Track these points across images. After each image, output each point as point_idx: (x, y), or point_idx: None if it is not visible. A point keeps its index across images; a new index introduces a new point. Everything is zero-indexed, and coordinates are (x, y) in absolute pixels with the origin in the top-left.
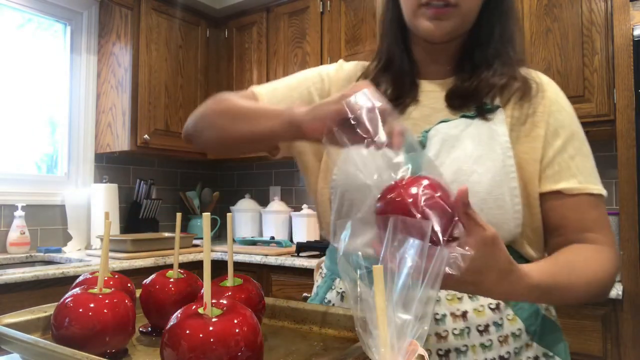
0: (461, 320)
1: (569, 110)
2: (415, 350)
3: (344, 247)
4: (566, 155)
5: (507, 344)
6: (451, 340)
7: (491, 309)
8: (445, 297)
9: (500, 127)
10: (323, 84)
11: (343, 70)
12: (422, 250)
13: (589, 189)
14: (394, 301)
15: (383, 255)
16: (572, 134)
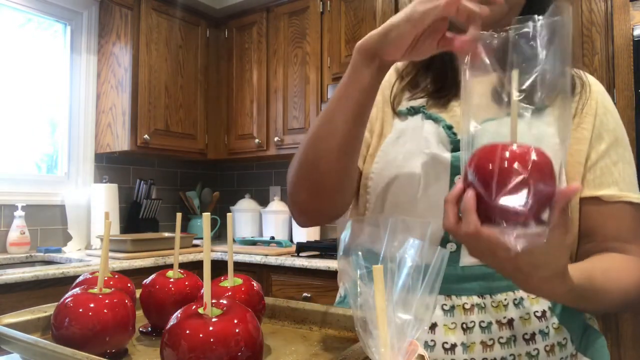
0: (507, 329)
1: (614, 114)
2: (415, 350)
3: (344, 247)
4: (609, 161)
5: (553, 354)
6: (497, 349)
7: (537, 317)
8: (490, 304)
9: (549, 127)
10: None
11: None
12: (422, 250)
13: (629, 197)
14: (394, 301)
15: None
16: (617, 139)
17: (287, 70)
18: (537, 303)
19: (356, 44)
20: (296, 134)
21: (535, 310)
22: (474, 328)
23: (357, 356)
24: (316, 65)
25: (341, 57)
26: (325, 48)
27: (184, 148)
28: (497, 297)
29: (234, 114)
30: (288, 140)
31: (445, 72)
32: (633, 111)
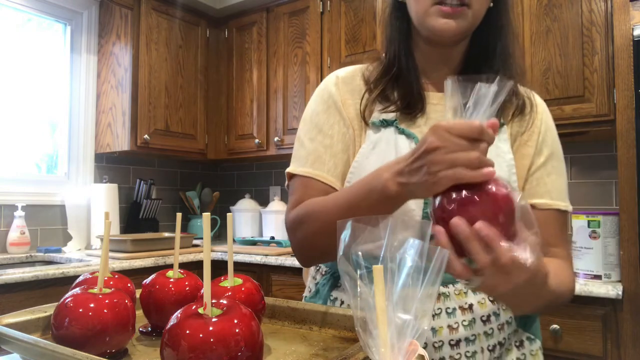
0: (468, 313)
1: (553, 130)
2: (415, 350)
3: (343, 247)
4: (544, 172)
5: (503, 331)
6: (461, 331)
7: (490, 300)
8: (453, 292)
9: (504, 144)
10: (348, 127)
11: (344, 84)
12: (422, 250)
13: (558, 205)
14: (394, 301)
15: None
16: (553, 153)
17: (287, 70)
18: None
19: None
20: (296, 134)
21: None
22: (441, 314)
23: (357, 356)
24: (316, 65)
25: (341, 57)
26: (325, 48)
27: (184, 148)
28: (458, 286)
29: (234, 114)
30: (288, 140)
31: (412, 89)
32: (633, 111)
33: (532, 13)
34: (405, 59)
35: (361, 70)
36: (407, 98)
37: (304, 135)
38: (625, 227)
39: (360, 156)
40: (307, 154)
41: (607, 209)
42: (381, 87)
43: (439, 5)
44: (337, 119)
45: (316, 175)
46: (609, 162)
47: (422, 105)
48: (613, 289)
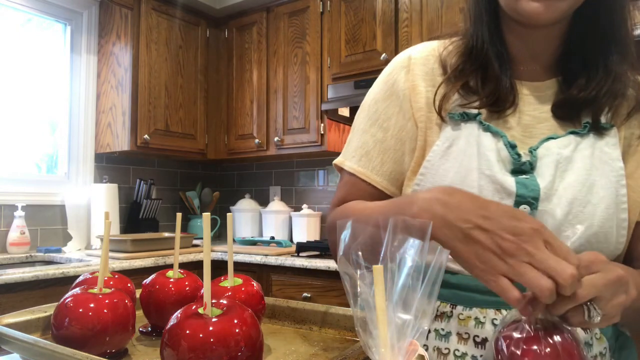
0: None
1: None
2: (415, 350)
3: (343, 247)
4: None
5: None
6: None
7: (583, 329)
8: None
9: (614, 150)
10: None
11: (417, 66)
12: (422, 250)
13: None
14: (394, 301)
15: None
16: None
17: (287, 70)
18: None
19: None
20: (296, 134)
21: None
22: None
23: (357, 356)
24: (316, 65)
25: (341, 57)
26: (325, 48)
27: (184, 148)
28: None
29: (234, 114)
30: (288, 140)
31: (503, 82)
32: None
33: None
34: (495, 44)
35: (437, 50)
36: (496, 93)
37: (359, 123)
38: None
39: (433, 155)
40: (356, 147)
41: None
42: (462, 75)
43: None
44: (397, 110)
45: (360, 173)
46: None
47: (514, 98)
48: None
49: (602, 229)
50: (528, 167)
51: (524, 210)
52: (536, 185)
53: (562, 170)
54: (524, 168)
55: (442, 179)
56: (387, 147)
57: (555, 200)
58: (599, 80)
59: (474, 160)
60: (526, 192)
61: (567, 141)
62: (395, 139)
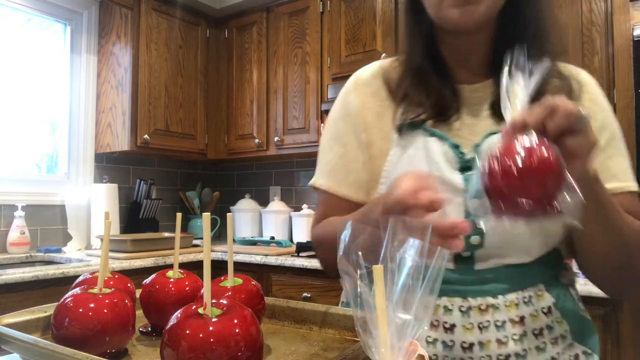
0: (519, 326)
1: (608, 108)
2: (415, 350)
3: (343, 247)
4: (606, 156)
5: (557, 345)
6: (511, 346)
7: (544, 313)
8: (503, 304)
9: None
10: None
11: (365, 87)
12: (422, 250)
13: (629, 187)
14: (394, 301)
15: (383, 254)
16: (612, 134)
17: (287, 70)
18: (544, 299)
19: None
20: (296, 134)
21: (542, 307)
22: (490, 327)
23: (357, 356)
24: (316, 65)
25: (341, 57)
26: (325, 48)
27: (184, 148)
28: (509, 297)
29: (234, 114)
30: (288, 140)
31: (444, 92)
32: (633, 111)
33: None
34: (431, 56)
35: (382, 69)
36: (439, 103)
37: (324, 144)
38: None
39: (390, 164)
40: (324, 165)
41: None
42: (405, 90)
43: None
44: (352, 128)
45: (329, 187)
46: None
47: (457, 105)
48: None
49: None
50: (473, 163)
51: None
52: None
53: None
54: (469, 165)
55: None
56: (347, 160)
57: None
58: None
59: (424, 164)
60: (473, 187)
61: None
62: (353, 151)
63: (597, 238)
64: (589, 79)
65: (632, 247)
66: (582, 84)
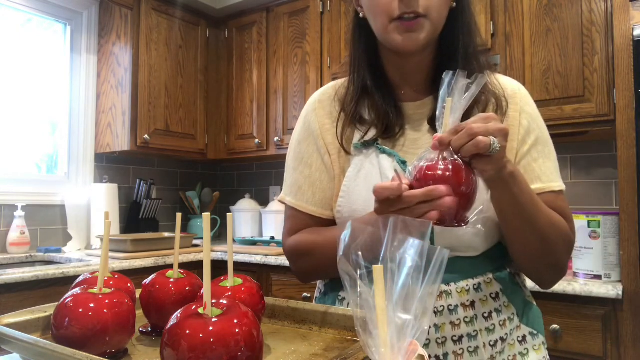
0: (470, 309)
1: (535, 115)
2: (415, 350)
3: (343, 247)
4: (530, 159)
5: (505, 327)
6: (463, 328)
7: (492, 298)
8: (455, 290)
9: None
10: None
11: (322, 108)
12: (422, 250)
13: (551, 187)
14: (394, 301)
15: (383, 254)
16: (537, 139)
17: (287, 70)
18: (492, 286)
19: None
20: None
21: (490, 293)
22: (443, 311)
23: (357, 356)
24: (316, 65)
25: (341, 57)
26: (325, 48)
27: (184, 148)
28: (460, 284)
29: (234, 114)
30: (288, 140)
31: (388, 110)
32: (633, 111)
33: (532, 13)
34: (377, 78)
35: (335, 89)
36: (384, 121)
37: (290, 163)
38: (625, 227)
39: (348, 180)
40: (290, 184)
41: (607, 209)
42: (354, 110)
43: (397, 21)
44: (315, 148)
45: (298, 205)
46: (609, 162)
47: (402, 122)
48: (613, 289)
49: (491, 210)
50: None
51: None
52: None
53: None
54: None
55: (357, 198)
56: (314, 180)
57: None
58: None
59: (378, 179)
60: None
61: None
62: (318, 172)
63: (517, 230)
64: (516, 89)
65: (547, 236)
66: (510, 96)
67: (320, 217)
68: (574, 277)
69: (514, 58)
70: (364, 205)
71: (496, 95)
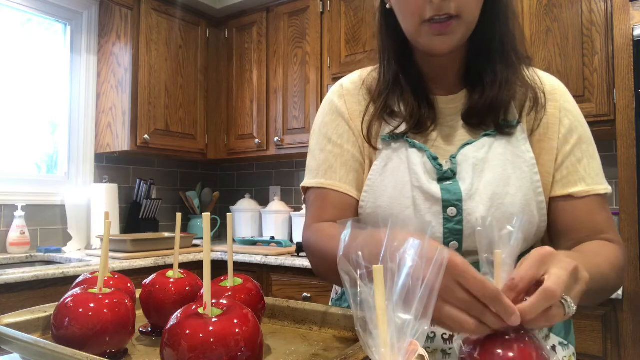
0: None
1: (576, 113)
2: (415, 350)
3: (343, 247)
4: (574, 159)
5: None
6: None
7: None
8: None
9: (523, 143)
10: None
11: (350, 96)
12: (422, 250)
13: (596, 190)
14: (394, 301)
15: (383, 254)
16: (580, 138)
17: (287, 70)
18: None
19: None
20: (296, 134)
21: None
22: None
23: (357, 356)
24: (316, 65)
25: (341, 57)
26: (325, 48)
27: (184, 148)
28: None
29: (234, 114)
30: (288, 140)
31: (420, 104)
32: (633, 111)
33: (532, 13)
34: (407, 69)
35: (361, 79)
36: (415, 115)
37: (315, 146)
38: (625, 227)
39: (373, 174)
40: (318, 165)
41: None
42: (383, 102)
43: (428, 23)
44: (346, 129)
45: (329, 185)
46: (609, 162)
47: (434, 116)
48: None
49: (524, 213)
50: (450, 174)
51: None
52: (458, 189)
53: (480, 171)
54: (447, 175)
55: (381, 194)
56: (347, 159)
57: (477, 198)
58: (491, 89)
59: (406, 174)
60: (450, 197)
61: (481, 144)
62: (351, 152)
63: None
64: (556, 86)
65: (611, 284)
66: (548, 92)
67: (354, 199)
68: None
69: None
70: (389, 201)
71: (534, 90)
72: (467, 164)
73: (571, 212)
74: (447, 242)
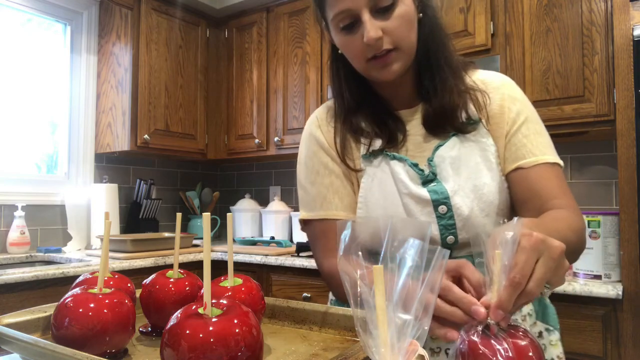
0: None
1: (523, 100)
2: (415, 350)
3: (343, 247)
4: (521, 136)
5: (525, 322)
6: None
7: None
8: None
9: (486, 137)
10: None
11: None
12: (422, 250)
13: (545, 159)
14: (394, 301)
15: (383, 254)
16: (527, 118)
17: (287, 70)
18: None
19: None
20: (296, 134)
21: None
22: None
23: (357, 356)
24: (316, 65)
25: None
26: (325, 48)
27: (184, 148)
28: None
29: (234, 114)
30: (288, 140)
31: (389, 123)
32: (633, 111)
33: (532, 13)
34: (368, 96)
35: (328, 107)
36: (386, 131)
37: (305, 180)
38: (625, 227)
39: (364, 190)
40: (312, 198)
41: (607, 209)
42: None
43: (371, 61)
44: (329, 159)
45: (326, 215)
46: (609, 162)
47: (403, 128)
48: (613, 289)
49: (499, 199)
50: (432, 176)
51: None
52: (442, 188)
53: (456, 168)
54: (429, 178)
55: (374, 207)
56: (337, 187)
57: (461, 193)
58: (437, 97)
59: (392, 185)
60: (438, 197)
61: (452, 143)
62: (339, 178)
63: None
64: (503, 81)
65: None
66: (496, 87)
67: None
68: (573, 277)
69: (514, 58)
70: (383, 213)
71: (474, 90)
72: (445, 164)
73: (524, 183)
74: (444, 237)
